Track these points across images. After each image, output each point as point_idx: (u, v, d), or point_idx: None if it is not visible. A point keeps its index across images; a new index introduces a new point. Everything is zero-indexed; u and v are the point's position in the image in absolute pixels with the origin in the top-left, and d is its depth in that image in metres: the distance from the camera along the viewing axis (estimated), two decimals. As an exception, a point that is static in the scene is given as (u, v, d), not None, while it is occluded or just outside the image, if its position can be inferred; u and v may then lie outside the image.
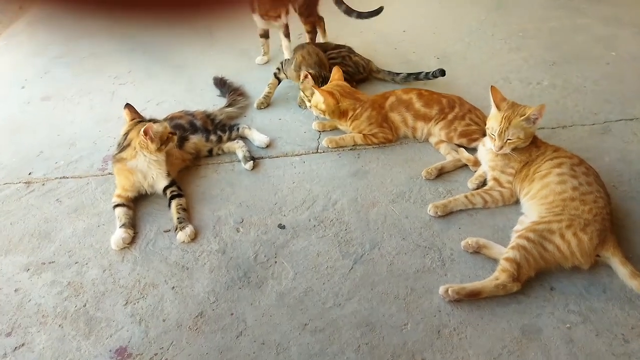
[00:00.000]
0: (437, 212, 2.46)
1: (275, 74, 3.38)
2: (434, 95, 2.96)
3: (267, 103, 3.35)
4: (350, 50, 3.59)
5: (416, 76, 3.41)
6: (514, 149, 2.42)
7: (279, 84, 3.41)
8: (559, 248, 2.09)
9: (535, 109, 2.32)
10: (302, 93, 3.13)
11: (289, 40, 3.68)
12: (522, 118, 2.34)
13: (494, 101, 2.45)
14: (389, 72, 3.54)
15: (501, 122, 2.38)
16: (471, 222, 2.43)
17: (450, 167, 2.75)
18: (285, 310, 2.08)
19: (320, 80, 3.09)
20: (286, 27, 3.61)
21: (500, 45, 4.00)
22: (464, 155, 2.76)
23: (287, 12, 3.45)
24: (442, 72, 3.32)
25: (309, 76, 2.97)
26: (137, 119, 2.67)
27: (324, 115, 2.95)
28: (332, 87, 2.97)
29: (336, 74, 3.04)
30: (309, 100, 3.02)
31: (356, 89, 3.13)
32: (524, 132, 2.37)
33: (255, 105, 3.31)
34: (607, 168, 2.65)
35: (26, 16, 4.85)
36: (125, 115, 2.69)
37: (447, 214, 2.47)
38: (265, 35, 3.77)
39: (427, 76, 3.36)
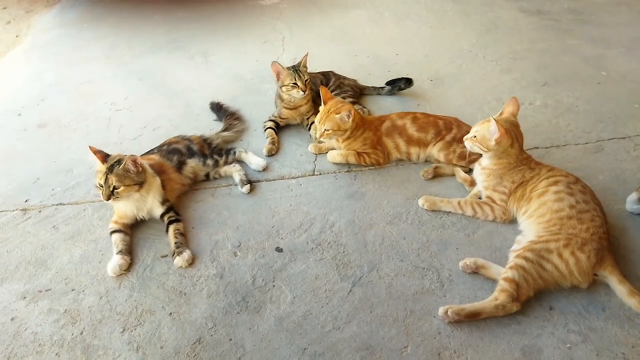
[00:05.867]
0: (424, 205, 2.63)
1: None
2: (429, 118, 2.97)
3: (276, 149, 3.19)
4: (335, 75, 3.66)
5: (399, 87, 3.69)
6: (484, 158, 2.55)
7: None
8: (557, 267, 2.09)
9: (497, 129, 2.36)
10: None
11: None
12: (487, 125, 2.44)
13: (503, 109, 2.55)
14: (374, 88, 3.74)
15: (486, 121, 2.48)
16: (469, 243, 2.44)
17: (449, 171, 2.85)
18: (284, 335, 2.07)
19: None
20: None
21: (492, 67, 4.06)
22: (461, 175, 2.78)
23: None
24: (409, 82, 3.67)
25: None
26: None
27: (331, 134, 2.90)
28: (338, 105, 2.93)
29: (326, 94, 2.99)
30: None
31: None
32: (485, 138, 2.43)
33: (265, 152, 3.15)
34: (602, 186, 2.68)
35: (23, 44, 4.89)
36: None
37: (434, 210, 2.63)
38: None
39: (403, 87, 3.69)
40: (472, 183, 2.71)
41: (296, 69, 3.21)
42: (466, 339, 2.00)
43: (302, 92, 3.18)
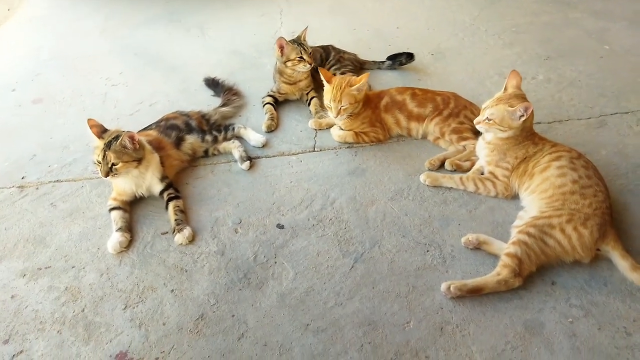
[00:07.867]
0: (426, 181, 2.62)
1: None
2: (427, 93, 2.94)
3: (275, 125, 3.15)
4: (334, 49, 3.59)
5: (400, 62, 3.63)
6: (498, 135, 2.48)
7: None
8: (560, 243, 2.09)
9: (522, 105, 2.36)
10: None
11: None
12: (502, 107, 2.41)
13: (506, 84, 2.51)
14: (375, 62, 3.69)
15: (495, 101, 2.46)
16: (471, 219, 2.43)
17: (453, 156, 2.77)
18: (287, 311, 2.07)
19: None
20: None
21: (494, 40, 4.00)
22: (463, 167, 2.72)
23: None
24: (410, 56, 3.61)
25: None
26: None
27: (348, 109, 2.82)
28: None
29: (327, 73, 2.92)
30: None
31: None
32: (505, 119, 2.39)
33: (264, 128, 3.10)
34: (604, 161, 2.66)
35: (15, 17, 4.79)
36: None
37: (435, 186, 2.61)
38: None
39: (405, 62, 3.63)
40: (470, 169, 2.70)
41: (299, 43, 3.15)
42: (468, 314, 2.01)
43: (308, 65, 3.14)
